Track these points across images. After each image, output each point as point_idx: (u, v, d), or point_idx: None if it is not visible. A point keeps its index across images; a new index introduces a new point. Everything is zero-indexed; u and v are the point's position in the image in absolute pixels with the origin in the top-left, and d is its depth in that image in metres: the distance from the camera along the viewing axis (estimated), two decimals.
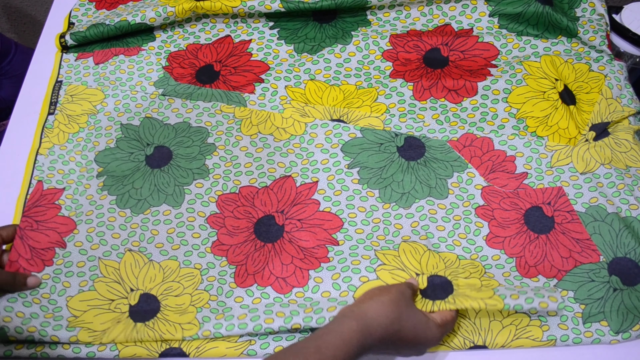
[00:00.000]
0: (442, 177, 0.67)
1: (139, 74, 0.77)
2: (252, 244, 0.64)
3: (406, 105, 0.72)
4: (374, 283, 0.60)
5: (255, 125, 0.72)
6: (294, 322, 0.58)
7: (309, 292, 0.61)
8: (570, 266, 0.60)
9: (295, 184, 0.68)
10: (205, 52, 0.79)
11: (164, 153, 0.70)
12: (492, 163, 0.68)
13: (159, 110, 0.74)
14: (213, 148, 0.71)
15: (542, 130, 0.70)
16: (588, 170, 0.67)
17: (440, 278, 0.59)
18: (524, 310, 0.56)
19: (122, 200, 0.67)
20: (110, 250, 0.64)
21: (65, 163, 0.70)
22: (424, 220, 0.65)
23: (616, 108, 0.71)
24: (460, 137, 0.70)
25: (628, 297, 0.59)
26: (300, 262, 0.62)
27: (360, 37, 0.78)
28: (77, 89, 0.77)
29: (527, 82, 0.73)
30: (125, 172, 0.69)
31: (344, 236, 0.64)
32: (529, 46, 0.76)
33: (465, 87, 0.73)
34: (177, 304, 0.60)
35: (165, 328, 0.59)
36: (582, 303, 0.59)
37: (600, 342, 0.58)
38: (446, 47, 0.77)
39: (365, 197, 0.67)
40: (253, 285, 0.61)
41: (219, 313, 0.60)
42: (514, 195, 0.66)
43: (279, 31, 0.80)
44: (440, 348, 0.58)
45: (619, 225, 0.63)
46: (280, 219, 0.65)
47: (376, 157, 0.69)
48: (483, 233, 0.64)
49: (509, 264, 0.62)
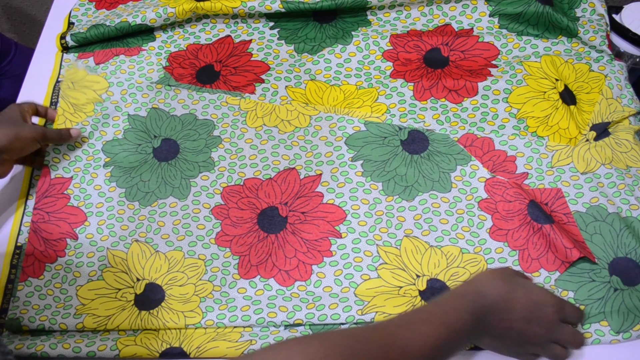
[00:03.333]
0: (446, 171, 0.68)
1: (140, 74, 0.77)
2: (255, 234, 0.65)
3: (407, 105, 0.72)
4: (375, 281, 0.61)
5: (260, 118, 0.73)
6: (297, 317, 0.59)
7: (311, 286, 0.61)
8: (575, 257, 0.60)
9: (299, 176, 0.68)
10: (206, 52, 0.79)
11: (171, 146, 0.71)
12: (493, 163, 0.68)
13: (165, 101, 0.75)
14: (219, 141, 0.71)
15: (543, 131, 0.70)
16: (589, 170, 0.67)
17: (440, 282, 0.61)
18: None
19: (131, 193, 0.68)
20: (118, 241, 0.65)
21: (71, 148, 0.71)
22: (427, 213, 0.65)
23: (616, 108, 0.71)
24: (461, 137, 0.70)
25: (629, 297, 0.59)
26: (304, 255, 0.63)
27: (360, 37, 0.78)
28: (77, 75, 0.77)
29: (528, 82, 0.73)
30: (133, 163, 0.70)
31: (347, 228, 0.64)
32: (529, 46, 0.76)
33: (466, 87, 0.73)
34: (181, 294, 0.61)
35: (168, 316, 0.60)
36: (582, 303, 0.59)
37: (600, 343, 0.58)
38: (446, 47, 0.77)
39: (368, 190, 0.67)
40: (256, 276, 0.62)
41: (223, 304, 0.60)
42: (517, 186, 0.66)
43: (279, 31, 0.80)
44: None
45: (619, 225, 0.63)
46: (283, 211, 0.66)
47: (380, 150, 0.69)
48: (486, 226, 0.64)
49: (512, 257, 0.62)
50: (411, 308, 0.59)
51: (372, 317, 0.58)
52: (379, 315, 0.59)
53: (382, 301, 0.60)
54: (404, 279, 0.61)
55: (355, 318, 0.59)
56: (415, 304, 0.59)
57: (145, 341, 0.59)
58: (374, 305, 0.59)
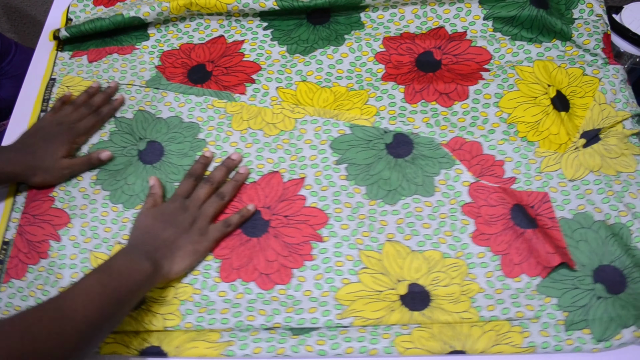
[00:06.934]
0: (429, 175, 0.67)
1: (132, 72, 0.78)
2: (237, 238, 0.64)
3: (397, 108, 0.72)
4: (356, 286, 0.61)
5: (245, 121, 0.73)
6: (275, 321, 0.59)
7: (291, 290, 0.61)
8: (556, 262, 0.59)
9: (282, 180, 0.68)
10: (198, 52, 0.79)
11: (156, 149, 0.71)
12: (481, 167, 0.67)
13: (152, 104, 0.75)
14: (203, 144, 0.71)
15: (533, 136, 0.69)
16: (577, 177, 0.66)
17: (420, 287, 0.60)
18: (500, 320, 0.58)
19: (115, 196, 0.68)
20: (101, 243, 0.65)
21: None
22: (409, 217, 0.65)
23: (610, 113, 0.70)
24: (450, 141, 0.69)
25: (612, 306, 0.58)
26: (285, 259, 0.63)
27: (353, 39, 0.78)
28: (74, 80, 0.78)
29: (519, 87, 0.72)
30: (118, 166, 0.70)
31: (329, 232, 0.64)
32: (522, 51, 0.75)
33: (457, 90, 0.72)
34: (162, 296, 0.61)
35: (148, 318, 0.60)
36: (565, 310, 0.58)
37: (581, 350, 0.57)
38: (439, 51, 0.76)
39: (352, 194, 0.67)
40: (237, 280, 0.62)
41: (202, 306, 0.60)
42: (502, 190, 0.65)
43: (273, 32, 0.80)
44: (418, 353, 0.57)
45: (605, 233, 0.62)
46: (266, 214, 0.66)
47: (364, 154, 0.69)
48: (469, 230, 0.63)
49: (494, 262, 0.61)
50: (390, 312, 0.59)
51: (351, 322, 0.58)
52: (357, 320, 0.58)
53: (362, 305, 0.59)
54: (384, 284, 0.61)
55: (333, 322, 0.58)
56: (395, 309, 0.59)
57: (125, 339, 0.59)
58: (353, 310, 0.59)
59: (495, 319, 0.58)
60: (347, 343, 0.58)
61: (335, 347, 0.57)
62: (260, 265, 0.63)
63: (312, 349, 0.58)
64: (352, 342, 0.58)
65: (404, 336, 0.58)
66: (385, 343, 0.57)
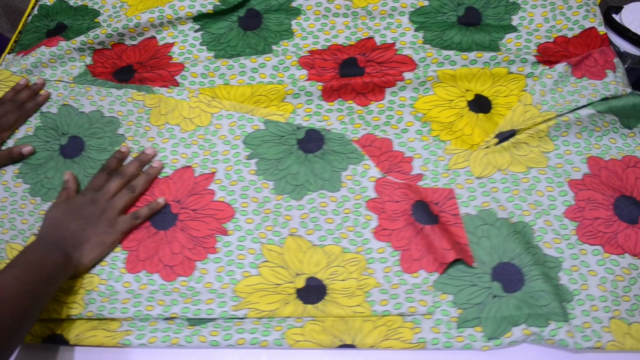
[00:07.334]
0: (337, 170, 0.67)
1: (62, 69, 0.79)
2: (145, 230, 0.65)
3: (313, 106, 0.73)
4: (255, 279, 0.61)
5: (163, 115, 0.74)
6: (172, 311, 0.59)
7: (192, 282, 0.62)
8: (450, 259, 0.59)
9: (194, 174, 0.69)
10: (129, 54, 0.80)
11: (77, 144, 0.72)
12: (390, 163, 0.67)
13: (75, 98, 0.76)
14: (122, 139, 0.72)
15: (446, 135, 0.69)
16: (484, 174, 0.65)
17: (317, 281, 0.60)
18: (393, 315, 0.57)
19: (35, 189, 0.70)
20: (18, 235, 0.66)
21: None
22: (313, 212, 0.65)
23: (533, 114, 0.69)
24: (361, 138, 0.69)
25: (506, 305, 0.57)
26: (189, 252, 0.63)
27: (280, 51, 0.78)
28: (3, 74, 0.80)
29: (435, 90, 0.72)
30: (40, 160, 0.72)
31: (234, 226, 0.65)
32: (448, 62, 0.74)
33: (374, 91, 0.73)
34: (69, 286, 0.62)
35: (53, 307, 0.60)
36: (460, 307, 0.58)
37: (471, 348, 0.56)
38: (363, 57, 0.76)
39: (259, 189, 0.67)
40: (142, 271, 0.63)
41: (106, 296, 0.61)
42: (406, 186, 0.65)
43: (203, 35, 0.81)
44: (308, 345, 0.57)
45: (507, 230, 0.61)
46: (175, 208, 0.66)
47: (275, 149, 0.70)
48: (371, 226, 0.64)
49: (394, 257, 0.61)
50: (284, 305, 0.59)
51: (245, 313, 0.58)
52: (251, 312, 0.58)
53: (257, 298, 0.59)
54: (283, 277, 0.61)
55: (228, 313, 0.58)
56: (289, 302, 0.59)
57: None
58: (249, 302, 0.59)
59: (387, 313, 0.58)
60: (239, 334, 0.58)
61: (227, 337, 0.58)
62: (165, 257, 0.63)
63: (205, 340, 0.58)
64: (245, 333, 0.58)
65: (296, 329, 0.58)
66: (276, 335, 0.57)
